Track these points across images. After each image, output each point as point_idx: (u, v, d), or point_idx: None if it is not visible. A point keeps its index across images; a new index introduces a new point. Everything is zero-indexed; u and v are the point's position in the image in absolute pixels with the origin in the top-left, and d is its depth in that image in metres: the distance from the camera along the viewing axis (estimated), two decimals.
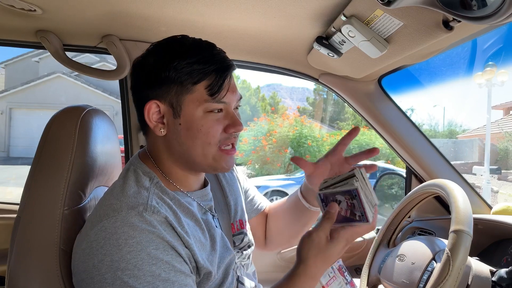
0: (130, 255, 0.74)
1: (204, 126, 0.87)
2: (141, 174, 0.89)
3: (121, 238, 0.75)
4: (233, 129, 0.91)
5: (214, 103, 0.87)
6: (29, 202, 0.94)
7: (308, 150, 11.38)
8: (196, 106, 0.86)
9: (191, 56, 0.85)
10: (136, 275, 0.73)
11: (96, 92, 16.36)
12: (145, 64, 0.89)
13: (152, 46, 0.92)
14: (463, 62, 10.70)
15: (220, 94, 0.87)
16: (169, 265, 0.77)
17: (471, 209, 1.00)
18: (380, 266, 1.27)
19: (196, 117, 0.87)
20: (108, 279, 0.73)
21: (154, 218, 0.79)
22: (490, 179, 9.53)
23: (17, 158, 15.55)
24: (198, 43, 0.90)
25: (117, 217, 0.78)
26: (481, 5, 0.64)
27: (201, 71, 0.85)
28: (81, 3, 1.12)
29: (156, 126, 0.88)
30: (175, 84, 0.85)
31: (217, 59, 0.88)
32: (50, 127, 0.99)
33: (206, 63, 0.86)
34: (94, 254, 0.76)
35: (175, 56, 0.86)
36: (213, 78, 0.86)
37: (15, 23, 1.30)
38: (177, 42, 0.90)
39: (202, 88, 0.86)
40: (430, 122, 20.15)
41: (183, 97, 0.86)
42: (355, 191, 0.85)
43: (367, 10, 0.93)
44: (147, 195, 0.84)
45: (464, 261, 0.92)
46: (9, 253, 0.93)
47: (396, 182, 2.13)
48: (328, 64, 1.40)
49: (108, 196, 0.86)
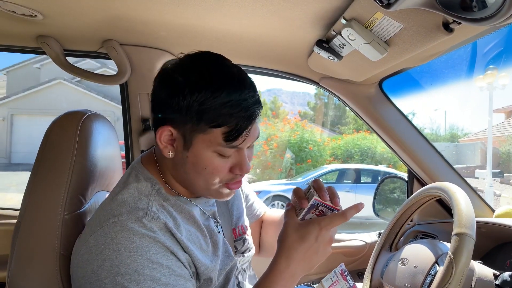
0: (130, 260, 0.73)
1: (210, 166, 0.83)
2: (142, 179, 0.88)
3: (121, 243, 0.74)
4: (238, 172, 0.87)
5: (227, 148, 0.82)
6: (30, 207, 0.93)
7: (310, 155, 11.40)
8: (207, 146, 0.82)
9: (219, 94, 0.78)
10: (137, 280, 0.72)
11: (97, 98, 16.42)
12: (171, 79, 0.83)
13: (186, 61, 0.85)
14: (464, 65, 10.70)
15: (236, 142, 0.82)
16: (169, 269, 0.76)
17: (473, 212, 0.99)
18: (383, 270, 1.26)
19: (203, 156, 0.82)
20: (108, 284, 0.72)
21: (154, 224, 0.79)
22: (492, 182, 9.51)
23: (18, 165, 15.59)
24: (231, 77, 0.82)
25: (117, 222, 0.77)
26: (481, 7, 0.64)
27: (225, 116, 0.78)
28: (82, 8, 1.12)
29: (166, 148, 0.85)
30: (193, 119, 0.79)
31: (245, 105, 0.80)
32: (50, 132, 0.98)
33: (232, 108, 0.79)
34: (93, 259, 0.75)
35: (203, 87, 0.78)
36: (234, 125, 0.79)
37: (16, 29, 1.30)
38: (209, 68, 0.82)
39: (219, 132, 0.80)
40: (431, 126, 20.17)
41: (197, 134, 0.81)
42: (315, 201, 0.89)
43: (367, 13, 0.93)
44: (148, 201, 0.83)
45: (467, 264, 0.91)
46: (9, 259, 0.92)
47: (398, 186, 2.12)
48: (328, 67, 1.40)
49: (108, 201, 0.85)
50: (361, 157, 12.21)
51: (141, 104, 1.58)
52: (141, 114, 1.59)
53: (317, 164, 11.34)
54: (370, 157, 12.22)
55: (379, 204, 2.01)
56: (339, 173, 9.80)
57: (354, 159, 12.20)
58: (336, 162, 12.15)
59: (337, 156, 12.61)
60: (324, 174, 9.54)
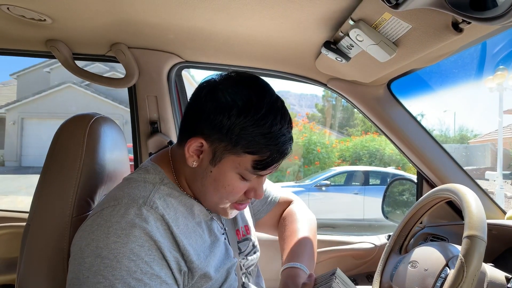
0: (115, 245, 0.74)
1: (230, 187, 0.87)
2: (152, 172, 0.91)
3: (112, 227, 0.76)
4: (253, 196, 0.92)
5: (252, 174, 0.86)
6: (39, 210, 0.94)
7: (318, 157, 11.36)
8: (234, 167, 0.85)
9: (263, 124, 0.82)
10: (113, 267, 0.73)
11: (106, 101, 16.53)
12: (220, 97, 0.84)
13: (236, 80, 0.88)
14: (473, 66, 10.60)
15: (263, 171, 0.87)
16: (148, 266, 0.76)
17: (484, 214, 0.98)
18: (392, 273, 1.25)
19: (227, 175, 0.86)
20: (87, 263, 0.74)
21: (151, 214, 0.80)
22: (503, 184, 9.39)
23: (28, 168, 15.73)
24: (276, 110, 0.85)
25: (116, 206, 0.79)
26: (491, 6, 0.63)
27: (262, 145, 0.82)
28: (90, 12, 1.13)
29: (191, 157, 0.87)
30: (231, 140, 0.82)
31: (282, 140, 0.85)
32: (59, 135, 0.99)
33: (270, 140, 0.83)
34: (84, 237, 0.77)
35: (249, 114, 0.81)
36: (266, 156, 0.84)
37: (25, 33, 1.31)
38: (258, 95, 0.85)
39: (250, 158, 0.84)
40: (440, 128, 20.01)
41: (228, 154, 0.84)
42: None
43: (375, 14, 0.93)
44: (152, 189, 0.85)
45: (478, 267, 0.90)
46: (19, 261, 0.93)
47: (407, 188, 2.10)
48: (336, 68, 1.39)
49: (115, 187, 0.89)
50: (370, 159, 12.14)
51: (149, 107, 1.59)
52: (149, 116, 1.60)
53: (325, 166, 11.30)
54: (379, 159, 12.14)
55: (388, 207, 1.99)
56: (347, 175, 9.75)
57: (363, 161, 12.14)
58: (344, 164, 12.10)
59: (345, 158, 12.56)
60: (332, 176, 9.50)
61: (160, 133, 1.60)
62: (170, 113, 1.62)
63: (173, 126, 1.64)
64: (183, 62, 1.57)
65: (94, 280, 0.72)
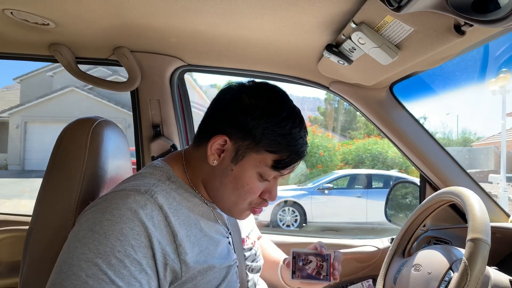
0: (107, 222, 0.75)
1: (249, 185, 0.90)
2: (159, 168, 0.93)
3: (110, 207, 0.77)
4: (267, 197, 0.95)
5: (271, 172, 0.91)
6: (41, 213, 0.94)
7: (320, 160, 11.34)
8: (255, 166, 0.89)
9: (285, 125, 0.88)
10: (100, 241, 0.73)
11: (109, 105, 16.57)
12: (240, 98, 0.91)
13: (257, 85, 0.94)
14: (476, 68, 10.57)
15: (281, 171, 0.91)
16: (133, 250, 0.75)
17: (488, 217, 0.97)
18: (396, 276, 1.25)
19: (247, 174, 0.90)
20: (80, 235, 0.75)
21: (150, 202, 0.80)
22: (507, 187, 9.34)
23: (32, 171, 15.76)
24: (296, 114, 0.92)
25: (118, 191, 0.82)
26: (494, 8, 0.63)
27: (282, 145, 0.88)
28: (93, 16, 1.13)
29: (212, 155, 0.90)
30: (254, 139, 0.87)
31: (301, 142, 0.91)
32: (61, 139, 0.99)
33: (290, 141, 0.88)
34: (85, 214, 0.79)
35: (272, 114, 0.88)
36: (286, 156, 0.89)
37: (29, 37, 1.32)
38: (278, 98, 0.91)
39: (271, 157, 0.89)
40: (443, 130, 19.92)
41: (251, 153, 0.88)
42: (328, 255, 1.05)
43: (377, 17, 0.93)
44: (156, 182, 0.87)
45: (482, 270, 0.90)
46: (22, 264, 0.93)
47: (410, 191, 2.09)
48: (338, 72, 1.39)
49: (121, 182, 0.91)
50: (372, 162, 12.10)
51: (151, 110, 1.59)
52: (151, 120, 1.60)
53: (327, 170, 11.27)
54: (382, 162, 12.11)
55: (391, 210, 1.99)
56: (350, 178, 9.71)
57: (365, 164, 12.10)
58: (347, 167, 12.06)
59: (348, 161, 12.52)
60: (334, 180, 9.47)
61: (163, 137, 1.61)
62: (172, 117, 1.62)
63: (175, 129, 1.64)
64: (186, 65, 1.57)
65: (80, 250, 0.73)
